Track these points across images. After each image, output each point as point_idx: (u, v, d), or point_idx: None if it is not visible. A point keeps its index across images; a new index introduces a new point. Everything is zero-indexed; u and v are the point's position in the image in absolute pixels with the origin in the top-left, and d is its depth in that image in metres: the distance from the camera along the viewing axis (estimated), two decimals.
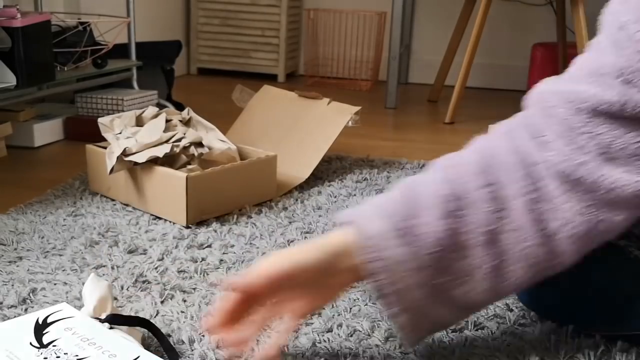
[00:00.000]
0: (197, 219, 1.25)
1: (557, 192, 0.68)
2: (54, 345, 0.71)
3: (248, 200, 1.35)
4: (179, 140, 1.32)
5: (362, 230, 0.70)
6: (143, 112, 1.41)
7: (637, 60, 0.65)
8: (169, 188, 1.24)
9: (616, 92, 0.66)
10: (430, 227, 0.68)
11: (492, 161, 0.72)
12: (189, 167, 1.29)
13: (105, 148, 1.33)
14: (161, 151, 1.27)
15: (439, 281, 0.69)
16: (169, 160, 1.30)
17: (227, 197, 1.31)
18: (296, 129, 1.62)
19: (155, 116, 1.39)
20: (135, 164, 1.28)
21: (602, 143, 0.66)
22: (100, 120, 1.37)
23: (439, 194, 0.70)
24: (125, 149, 1.28)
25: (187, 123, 1.42)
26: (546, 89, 0.74)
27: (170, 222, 1.25)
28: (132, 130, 1.35)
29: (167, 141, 1.30)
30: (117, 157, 1.27)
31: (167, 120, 1.38)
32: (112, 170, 1.27)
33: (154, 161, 1.28)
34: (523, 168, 0.70)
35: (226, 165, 1.32)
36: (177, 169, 1.28)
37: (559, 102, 0.70)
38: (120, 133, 1.34)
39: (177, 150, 1.29)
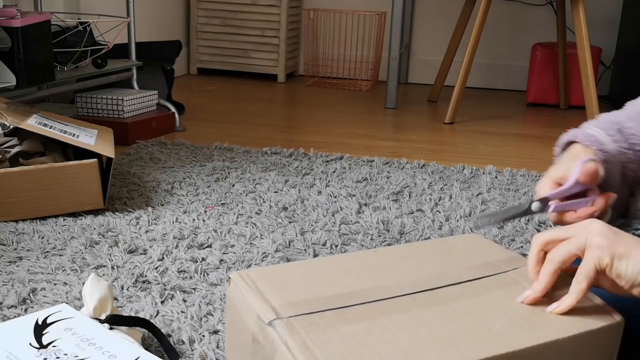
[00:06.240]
0: None
1: None
2: (53, 346, 0.71)
3: (64, 207, 1.26)
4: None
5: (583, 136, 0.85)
6: None
7: None
8: None
9: None
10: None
11: None
12: None
13: None
14: None
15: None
16: None
17: (29, 200, 1.23)
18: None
19: None
20: None
21: None
22: None
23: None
24: None
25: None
26: None
27: (170, 221, 1.25)
28: None
29: None
30: None
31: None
32: None
33: None
34: None
35: (27, 167, 1.24)
36: None
37: None
38: None
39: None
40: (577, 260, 0.70)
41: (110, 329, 0.76)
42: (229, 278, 0.69)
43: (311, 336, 0.59)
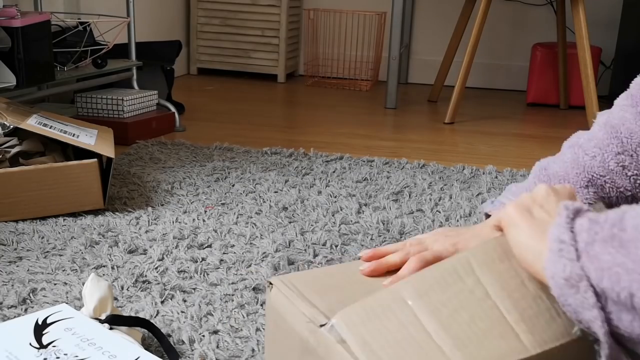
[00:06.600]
0: None
1: None
2: (53, 346, 0.71)
3: (64, 207, 1.26)
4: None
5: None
6: None
7: None
8: None
9: None
10: None
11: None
12: None
13: None
14: None
15: None
16: None
17: (29, 200, 1.23)
18: None
19: None
20: None
21: None
22: None
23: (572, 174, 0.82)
24: None
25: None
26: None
27: (170, 221, 1.25)
28: None
29: None
30: None
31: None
32: None
33: None
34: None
35: (27, 167, 1.24)
36: None
37: None
38: None
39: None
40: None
41: (110, 329, 0.76)
42: (270, 284, 0.70)
43: (368, 329, 0.59)
